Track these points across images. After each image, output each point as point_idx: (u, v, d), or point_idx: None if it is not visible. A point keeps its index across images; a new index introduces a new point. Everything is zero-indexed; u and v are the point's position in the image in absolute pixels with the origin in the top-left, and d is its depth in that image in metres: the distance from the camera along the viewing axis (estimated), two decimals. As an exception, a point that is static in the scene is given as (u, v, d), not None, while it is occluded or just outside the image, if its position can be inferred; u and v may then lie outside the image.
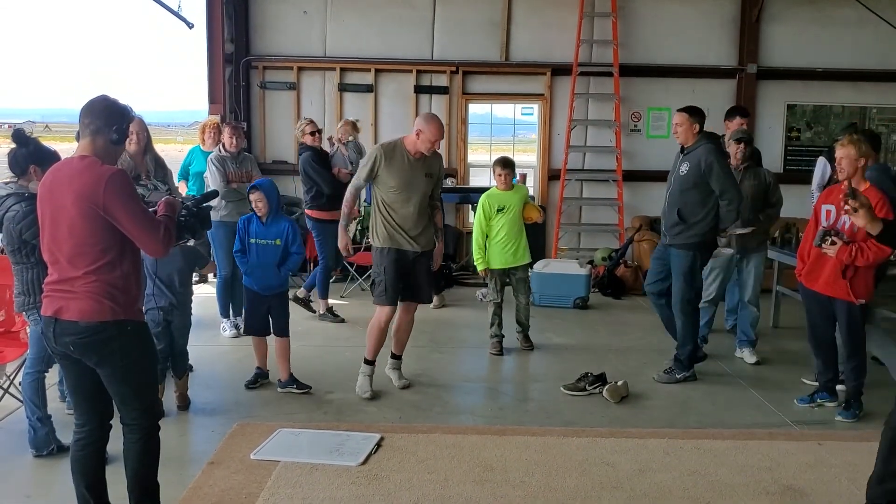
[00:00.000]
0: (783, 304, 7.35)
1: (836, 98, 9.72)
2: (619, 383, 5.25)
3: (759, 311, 6.13)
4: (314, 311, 7.32)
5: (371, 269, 7.93)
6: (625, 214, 9.48)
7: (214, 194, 3.93)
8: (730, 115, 7.07)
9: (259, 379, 5.36)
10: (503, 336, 6.29)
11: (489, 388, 5.54)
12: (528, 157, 10.47)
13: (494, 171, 6.31)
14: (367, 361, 5.22)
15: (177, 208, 3.27)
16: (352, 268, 8.42)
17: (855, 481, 3.95)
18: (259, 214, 5.19)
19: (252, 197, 5.20)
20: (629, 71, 9.48)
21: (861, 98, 9.72)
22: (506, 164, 6.26)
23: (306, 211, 6.95)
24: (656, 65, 9.59)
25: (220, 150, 6.45)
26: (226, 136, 6.33)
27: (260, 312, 5.28)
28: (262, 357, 5.42)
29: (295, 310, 6.96)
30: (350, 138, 7.62)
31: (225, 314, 6.65)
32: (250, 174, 6.44)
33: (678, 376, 5.53)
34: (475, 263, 6.41)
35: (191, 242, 3.59)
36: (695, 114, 5.43)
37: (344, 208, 5.24)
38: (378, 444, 4.27)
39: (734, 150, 5.90)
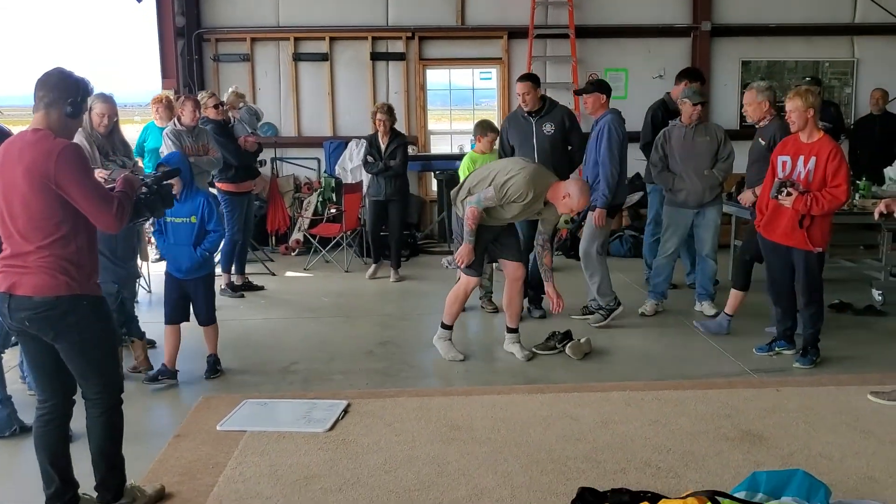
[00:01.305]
0: (742, 257, 7.48)
1: (789, 53, 9.83)
2: (582, 340, 5.33)
3: (716, 264, 6.23)
4: (260, 287, 7.33)
5: (342, 238, 7.97)
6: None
7: (176, 172, 3.88)
8: (680, 77, 7.12)
9: (161, 377, 4.79)
10: (492, 292, 6.42)
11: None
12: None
13: (481, 135, 6.56)
14: (444, 326, 5.31)
15: (136, 185, 3.23)
16: (314, 239, 8.39)
17: (811, 424, 4.07)
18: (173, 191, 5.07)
19: None
20: (585, 32, 9.49)
21: (813, 52, 9.84)
22: (493, 128, 6.56)
23: (216, 183, 6.83)
24: (612, 25, 9.61)
25: (175, 125, 6.35)
26: (187, 110, 6.23)
27: (173, 298, 4.83)
28: (171, 351, 4.85)
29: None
30: (241, 105, 7.49)
31: None
32: (207, 147, 6.36)
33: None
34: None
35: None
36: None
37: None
38: (345, 410, 4.29)
39: (690, 111, 5.94)
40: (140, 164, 7.87)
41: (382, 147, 7.33)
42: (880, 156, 8.08)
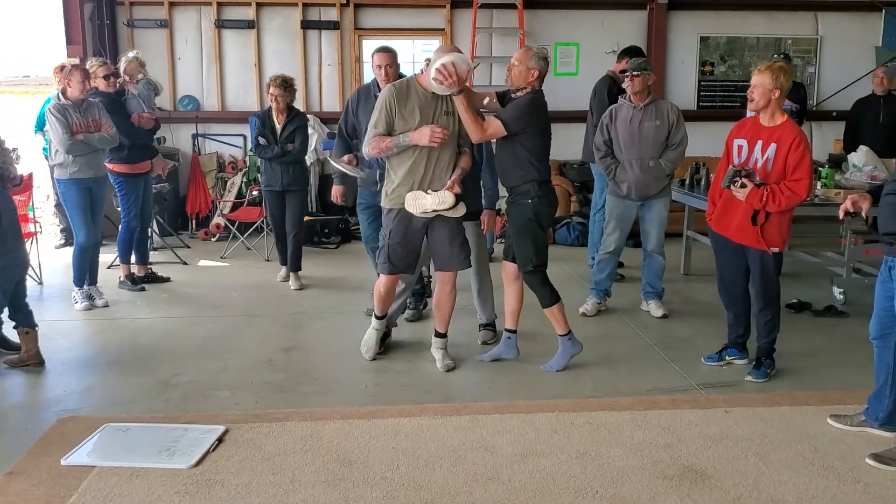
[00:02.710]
0: (694, 248, 6.92)
1: (750, 29, 9.25)
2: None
3: (664, 259, 5.64)
4: (166, 278, 6.63)
5: (263, 223, 7.16)
6: (532, 158, 8.88)
7: None
8: (623, 55, 6.54)
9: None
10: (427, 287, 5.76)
11: (370, 359, 4.92)
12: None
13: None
14: (375, 316, 4.74)
15: None
16: (233, 226, 7.65)
17: (763, 457, 3.50)
18: None
19: None
20: (534, 3, 8.81)
21: (776, 29, 9.27)
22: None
23: (107, 164, 6.03)
24: (563, -4, 8.93)
25: (59, 98, 5.56)
26: (75, 81, 5.45)
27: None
28: None
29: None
30: (140, 76, 6.59)
31: (79, 283, 5.85)
32: (98, 123, 5.61)
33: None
34: None
35: None
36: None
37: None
38: (220, 440, 3.61)
39: (636, 88, 5.29)
40: (41, 139, 7.17)
41: (278, 128, 6.25)
42: (888, 141, 7.41)
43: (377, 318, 4.72)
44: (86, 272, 5.86)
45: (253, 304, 5.95)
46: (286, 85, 6.23)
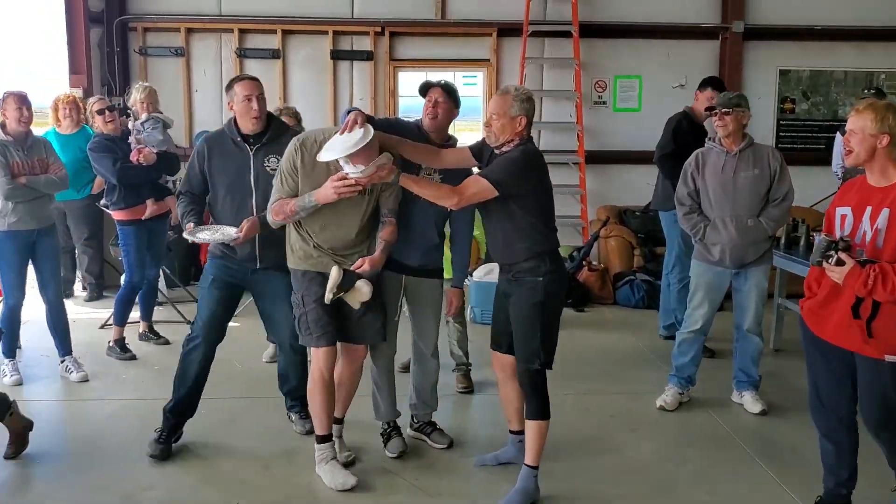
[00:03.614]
0: (787, 317, 5.77)
1: (837, 62, 8.17)
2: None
3: (762, 340, 4.54)
4: (164, 341, 5.78)
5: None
6: (589, 204, 7.87)
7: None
8: (703, 86, 5.56)
9: None
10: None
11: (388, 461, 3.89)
12: (471, 136, 8.81)
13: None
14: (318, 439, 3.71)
15: None
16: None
17: None
18: None
19: None
20: (592, 31, 7.85)
21: (866, 61, 8.18)
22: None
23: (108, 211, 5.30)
24: (624, 23, 7.97)
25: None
26: (11, 110, 4.58)
27: None
28: None
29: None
30: (144, 115, 5.50)
31: (10, 354, 4.98)
32: (45, 162, 4.73)
33: None
34: None
35: None
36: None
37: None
38: None
39: (725, 126, 4.26)
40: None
41: None
42: None
43: (320, 439, 3.66)
44: (15, 341, 5.03)
45: (257, 381, 4.94)
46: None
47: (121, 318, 5.48)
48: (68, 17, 7.09)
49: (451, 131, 3.91)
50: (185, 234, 3.74)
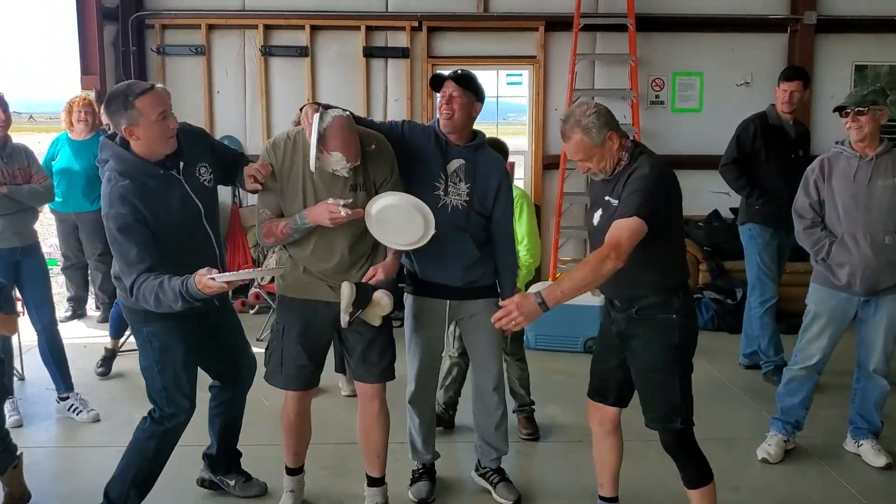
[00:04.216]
0: None
1: (920, 56, 7.43)
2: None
3: (888, 384, 3.82)
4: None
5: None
6: (646, 214, 7.16)
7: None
8: (787, 78, 4.90)
9: None
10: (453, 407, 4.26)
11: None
12: (516, 140, 8.14)
13: None
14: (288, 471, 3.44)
15: None
16: (271, 299, 6.10)
17: None
18: None
19: None
20: (649, 24, 7.14)
21: (953, 55, 7.43)
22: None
23: None
24: (684, 15, 7.26)
25: None
26: None
27: None
28: None
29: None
30: None
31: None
32: (28, 172, 4.15)
33: None
34: None
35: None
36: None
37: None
38: None
39: (861, 129, 3.55)
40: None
41: None
42: None
43: (289, 471, 3.41)
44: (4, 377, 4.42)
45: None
46: None
47: (116, 330, 5.05)
48: (80, 13, 6.51)
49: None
50: (212, 287, 2.61)
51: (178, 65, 7.24)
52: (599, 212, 2.79)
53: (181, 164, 2.92)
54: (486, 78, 7.68)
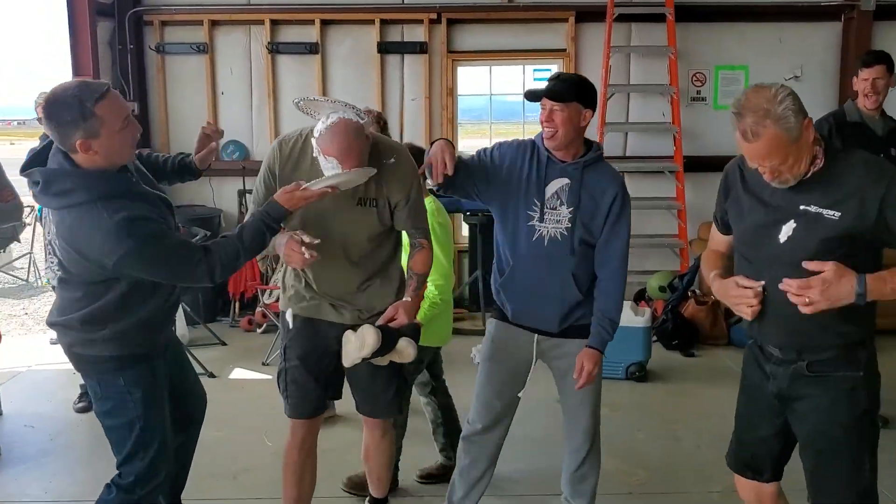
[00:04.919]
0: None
1: None
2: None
3: None
4: None
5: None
6: (688, 221, 6.54)
7: None
8: (868, 63, 4.24)
9: None
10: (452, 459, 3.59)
11: None
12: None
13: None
14: None
15: None
16: (277, 319, 5.57)
17: None
18: None
19: None
20: (689, 13, 6.54)
21: None
22: None
23: None
24: (727, 4, 6.65)
25: None
26: None
27: None
28: None
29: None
30: None
31: None
32: None
33: None
34: None
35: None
36: None
37: None
38: None
39: None
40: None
41: None
42: None
43: None
44: None
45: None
46: None
47: None
48: (70, 9, 5.99)
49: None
50: (310, 197, 2.50)
51: (178, 64, 6.74)
52: (791, 224, 2.17)
53: (130, 165, 2.48)
54: (511, 74, 7.14)
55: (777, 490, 2.45)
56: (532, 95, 2.71)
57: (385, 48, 6.69)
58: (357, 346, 2.66)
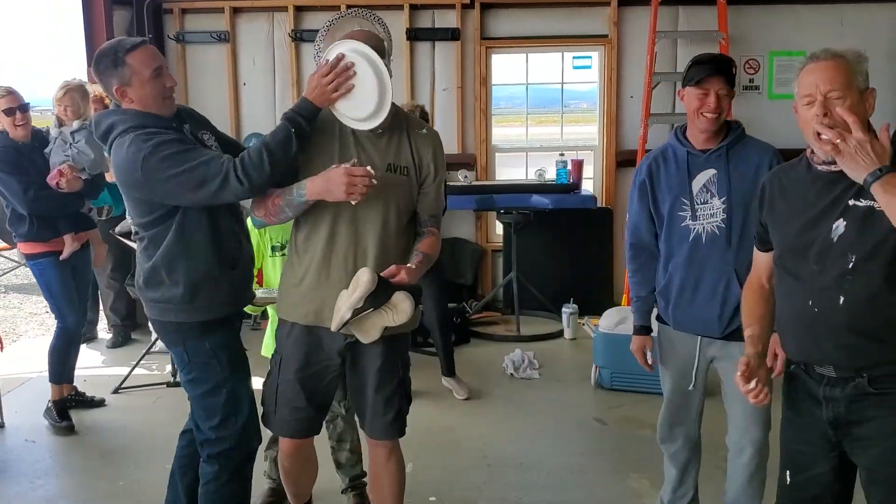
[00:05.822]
0: None
1: None
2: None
3: None
4: (99, 402, 4.58)
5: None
6: (738, 219, 6.11)
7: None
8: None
9: None
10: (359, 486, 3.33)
11: None
12: (584, 131, 7.16)
13: None
14: None
15: None
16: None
17: None
18: None
19: None
20: (742, -5, 6.08)
21: None
22: None
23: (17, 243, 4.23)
24: (784, -16, 6.18)
25: None
26: None
27: None
28: None
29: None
30: (83, 120, 4.23)
31: None
32: None
33: None
34: None
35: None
36: None
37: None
38: None
39: None
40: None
41: None
42: None
43: None
44: None
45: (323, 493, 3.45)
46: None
47: (58, 374, 4.26)
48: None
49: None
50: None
51: (199, 54, 6.45)
52: (841, 222, 1.94)
53: (186, 126, 2.58)
54: (549, 62, 6.72)
55: None
56: (700, 71, 2.60)
57: (414, 35, 6.34)
58: (349, 292, 2.33)
